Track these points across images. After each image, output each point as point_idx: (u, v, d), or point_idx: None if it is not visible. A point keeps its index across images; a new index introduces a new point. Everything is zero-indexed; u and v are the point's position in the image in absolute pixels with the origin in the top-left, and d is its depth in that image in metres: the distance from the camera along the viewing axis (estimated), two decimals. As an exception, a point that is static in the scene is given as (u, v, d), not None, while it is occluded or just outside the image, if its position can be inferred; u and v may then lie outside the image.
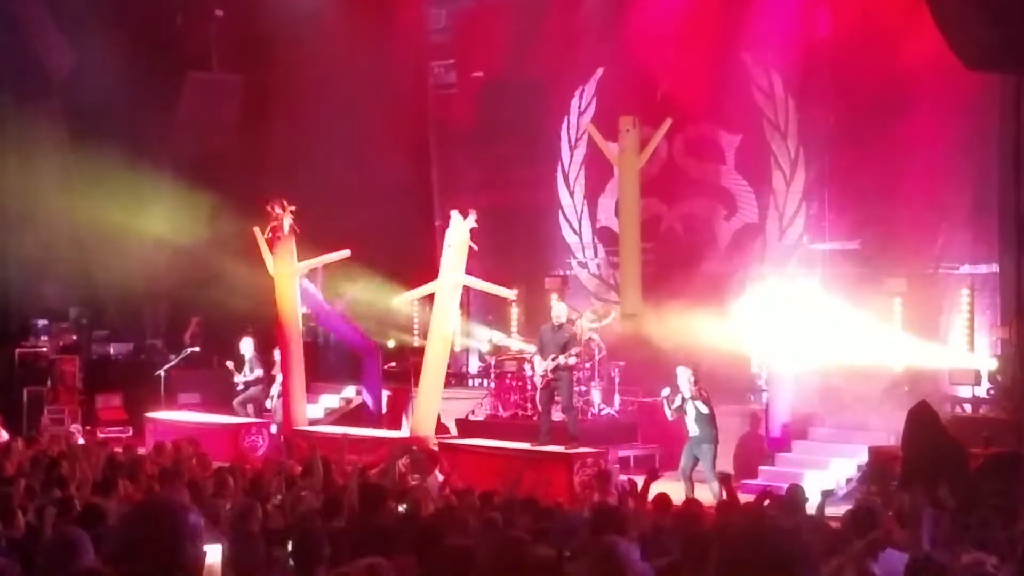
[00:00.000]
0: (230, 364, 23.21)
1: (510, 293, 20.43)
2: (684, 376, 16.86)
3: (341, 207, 23.19)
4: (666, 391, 17.04)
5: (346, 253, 20.64)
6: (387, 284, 23.03)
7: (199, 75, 27.10)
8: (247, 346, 23.15)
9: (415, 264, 25.26)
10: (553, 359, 17.74)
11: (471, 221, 19.06)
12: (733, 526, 7.50)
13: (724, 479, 13.57)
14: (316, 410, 23.36)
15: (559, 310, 18.49)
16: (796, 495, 11.42)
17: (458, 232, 19.15)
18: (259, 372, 22.93)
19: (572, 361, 17.91)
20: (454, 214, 19.36)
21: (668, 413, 17.13)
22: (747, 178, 22.60)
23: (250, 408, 23.00)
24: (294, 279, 21.25)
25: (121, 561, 4.15)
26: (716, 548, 5.28)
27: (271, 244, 21.03)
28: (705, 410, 16.66)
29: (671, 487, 14.48)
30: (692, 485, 16.26)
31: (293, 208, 20.88)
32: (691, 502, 12.12)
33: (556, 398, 18.14)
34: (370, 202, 23.87)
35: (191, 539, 4.07)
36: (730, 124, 22.56)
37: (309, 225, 21.05)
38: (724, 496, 13.07)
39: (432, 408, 19.60)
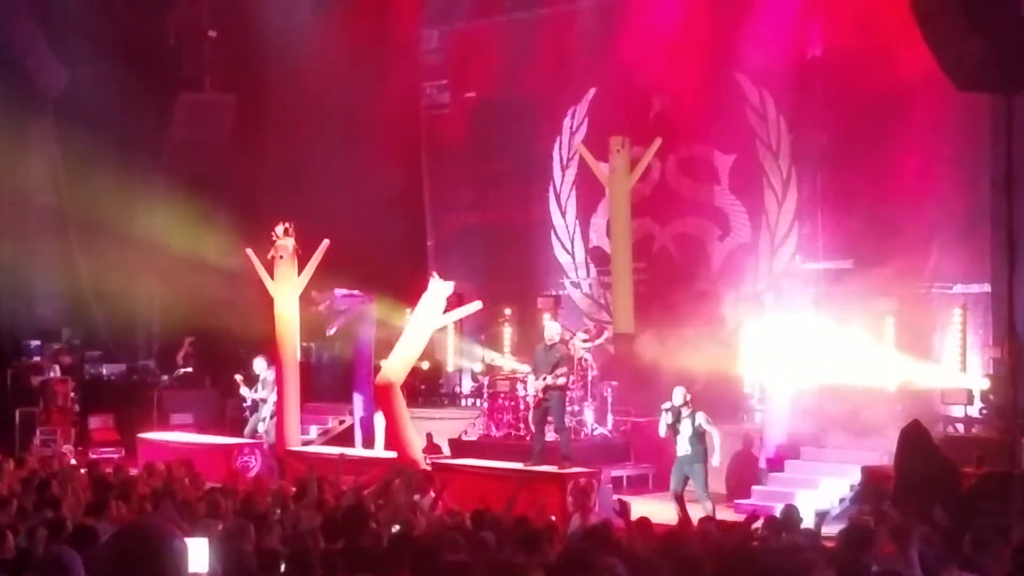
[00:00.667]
0: (239, 377, 22.93)
1: (475, 306, 20.46)
2: (679, 395, 16.84)
3: (334, 226, 23.17)
4: (668, 405, 16.98)
5: (325, 243, 20.60)
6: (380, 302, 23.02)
7: (192, 95, 27.13)
8: (260, 365, 22.91)
9: (407, 282, 25.26)
10: (544, 379, 17.74)
11: (448, 288, 19.15)
12: (727, 547, 7.50)
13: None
14: (312, 431, 23.34)
15: (551, 330, 18.49)
16: (791, 515, 11.40)
17: (434, 298, 19.22)
18: (265, 392, 22.64)
19: (561, 381, 17.89)
20: (433, 278, 19.42)
21: (662, 429, 17.06)
22: (740, 198, 22.65)
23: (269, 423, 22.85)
24: (295, 298, 21.24)
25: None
26: (710, 569, 5.29)
27: (273, 264, 21.04)
28: (704, 428, 16.63)
29: (663, 507, 14.50)
30: (684, 505, 16.23)
31: (289, 225, 20.95)
32: (681, 522, 12.12)
33: (549, 418, 18.12)
34: (363, 221, 23.87)
35: (175, 564, 4.02)
36: (724, 144, 22.62)
37: (302, 244, 21.08)
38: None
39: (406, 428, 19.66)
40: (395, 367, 19.59)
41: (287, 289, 21.15)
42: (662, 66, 23.19)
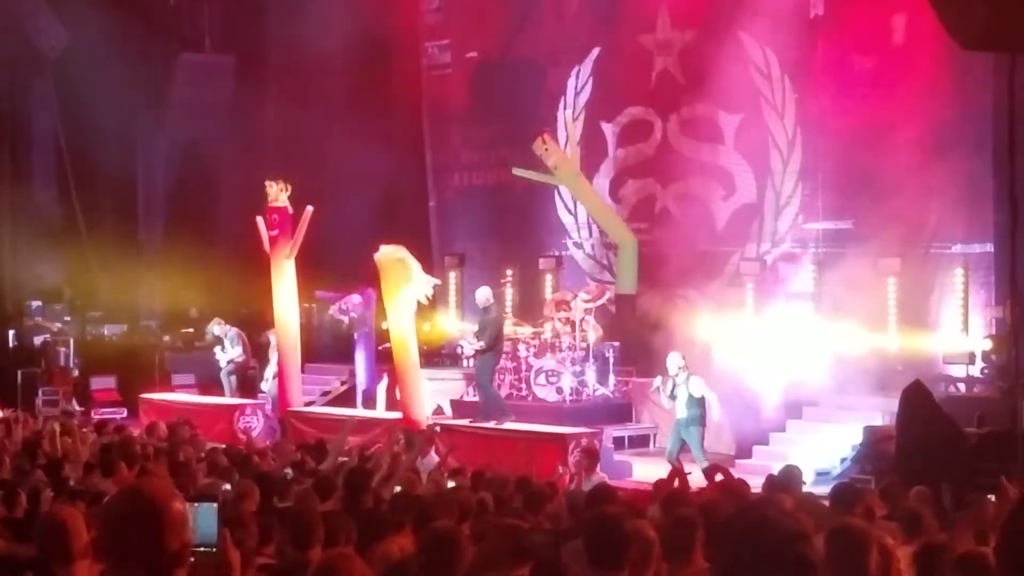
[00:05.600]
0: (217, 349, 23.26)
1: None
2: (675, 361, 16.85)
3: (335, 187, 23.18)
4: (657, 381, 17.06)
5: (309, 210, 20.55)
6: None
7: (192, 56, 27.05)
8: (218, 328, 23.30)
9: (409, 244, 25.22)
10: (469, 343, 18.47)
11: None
12: (728, 507, 7.49)
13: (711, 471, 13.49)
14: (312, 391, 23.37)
15: (480, 294, 19.09)
16: (792, 475, 11.41)
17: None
18: (239, 350, 22.94)
19: (480, 345, 18.62)
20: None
21: (664, 402, 17.16)
22: (746, 158, 22.55)
23: (233, 380, 23.02)
24: (290, 262, 21.14)
25: (103, 551, 4.10)
26: (719, 530, 5.27)
27: (271, 227, 20.99)
28: (697, 392, 16.65)
29: (660, 470, 14.53)
30: (681, 466, 16.24)
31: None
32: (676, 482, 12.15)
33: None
34: (365, 182, 23.82)
35: (175, 529, 4.01)
36: (729, 104, 22.46)
37: (301, 205, 21.01)
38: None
39: (419, 388, 19.71)
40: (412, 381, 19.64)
41: (283, 252, 21.08)
42: (665, 25, 23.13)
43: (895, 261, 19.61)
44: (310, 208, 20.49)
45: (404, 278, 19.05)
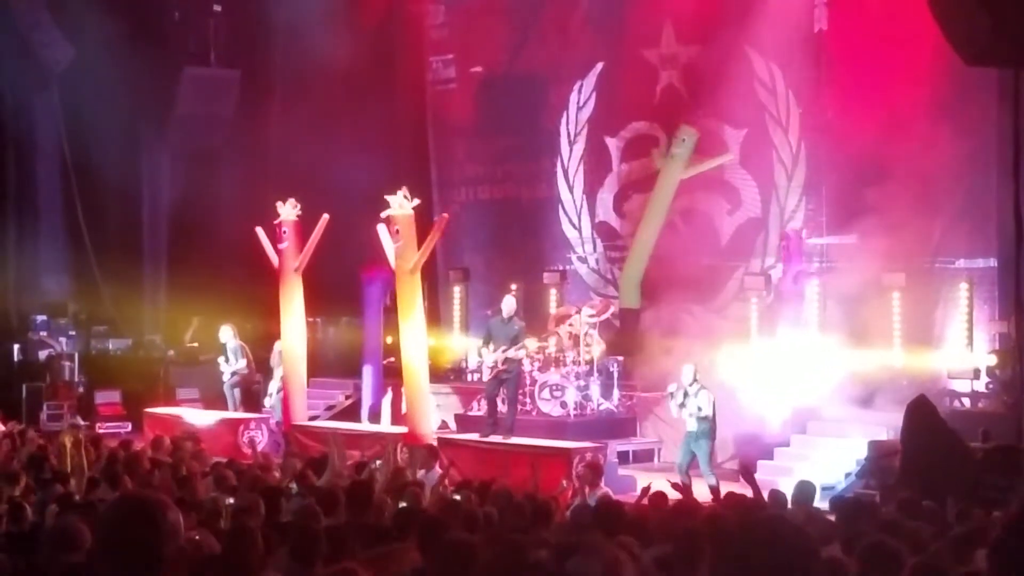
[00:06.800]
0: (221, 360, 23.12)
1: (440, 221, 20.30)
2: (688, 372, 16.87)
3: (338, 202, 23.15)
4: (673, 386, 17.02)
5: (325, 218, 20.61)
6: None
7: (197, 70, 27.09)
8: (226, 335, 23.07)
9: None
10: (503, 351, 18.12)
11: None
12: (737, 521, 7.49)
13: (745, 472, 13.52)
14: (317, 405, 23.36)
15: (508, 304, 18.88)
16: (805, 491, 11.44)
17: None
18: (243, 362, 22.81)
19: (521, 354, 18.47)
20: None
21: (673, 410, 17.13)
22: (751, 172, 22.56)
23: (237, 393, 22.92)
24: (298, 276, 21.20)
25: (100, 560, 4.13)
26: (726, 545, 5.27)
27: (278, 241, 21.05)
28: (708, 406, 16.65)
29: (665, 485, 14.48)
30: (690, 480, 16.25)
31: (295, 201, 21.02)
32: (687, 497, 12.16)
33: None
34: (369, 197, 23.81)
35: (170, 537, 4.04)
36: (734, 119, 22.48)
37: (305, 220, 21.04)
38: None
39: (426, 402, 19.64)
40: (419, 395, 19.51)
41: (291, 264, 21.15)
42: (670, 40, 23.15)
43: (899, 276, 19.59)
44: (326, 216, 20.54)
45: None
